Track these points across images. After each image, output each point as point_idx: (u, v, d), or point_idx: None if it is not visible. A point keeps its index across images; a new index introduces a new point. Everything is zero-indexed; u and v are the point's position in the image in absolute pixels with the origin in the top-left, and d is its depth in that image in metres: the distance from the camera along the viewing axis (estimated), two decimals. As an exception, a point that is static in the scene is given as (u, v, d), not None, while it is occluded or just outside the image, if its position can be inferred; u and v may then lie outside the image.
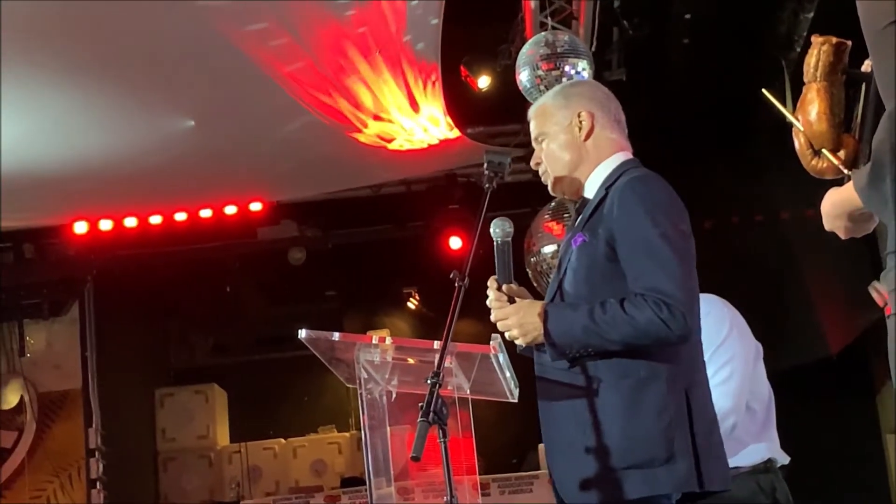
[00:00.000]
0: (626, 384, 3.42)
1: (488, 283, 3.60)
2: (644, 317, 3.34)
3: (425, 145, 9.27)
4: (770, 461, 4.51)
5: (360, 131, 8.76)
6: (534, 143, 3.84)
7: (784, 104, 2.91)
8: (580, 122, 3.73)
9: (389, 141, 9.07)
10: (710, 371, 3.70)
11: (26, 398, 11.22)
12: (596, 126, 3.73)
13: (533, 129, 3.84)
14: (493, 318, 3.58)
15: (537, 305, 3.53)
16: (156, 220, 10.39)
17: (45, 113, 7.71)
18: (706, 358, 3.68)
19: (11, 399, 11.24)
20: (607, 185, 3.61)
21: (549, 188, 3.83)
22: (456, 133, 9.13)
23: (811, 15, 8.06)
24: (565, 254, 3.68)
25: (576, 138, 3.73)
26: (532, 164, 3.83)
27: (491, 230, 3.58)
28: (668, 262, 3.40)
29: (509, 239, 3.62)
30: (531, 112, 3.88)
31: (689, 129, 9.54)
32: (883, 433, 10.33)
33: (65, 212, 10.14)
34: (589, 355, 3.45)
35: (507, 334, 3.55)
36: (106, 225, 10.35)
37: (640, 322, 3.34)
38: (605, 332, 3.38)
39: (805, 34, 8.17)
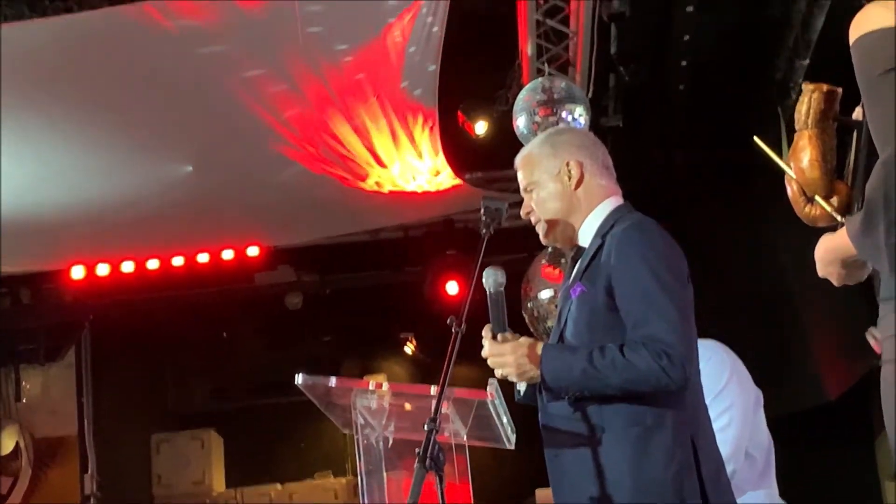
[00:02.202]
0: (634, 432, 3.40)
1: (483, 334, 3.58)
2: (643, 364, 3.33)
3: (423, 190, 9.28)
4: (769, 508, 4.50)
5: (361, 178, 8.78)
6: (523, 193, 3.83)
7: (781, 150, 2.91)
8: (569, 170, 3.72)
9: (386, 186, 9.08)
10: (709, 418, 3.69)
11: (22, 444, 11.17)
12: (586, 174, 3.73)
13: (521, 178, 3.83)
14: (486, 353, 3.55)
15: (535, 345, 3.51)
16: (153, 264, 10.38)
17: (43, 158, 7.73)
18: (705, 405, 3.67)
19: (7, 445, 11.17)
20: (603, 233, 3.61)
21: (541, 237, 3.81)
22: (453, 178, 9.15)
23: (807, 62, 8.10)
24: (565, 304, 3.67)
25: (566, 187, 3.72)
26: (522, 213, 3.81)
27: (484, 280, 3.57)
28: (666, 310, 3.39)
29: (502, 288, 3.60)
30: (518, 161, 3.88)
31: (686, 175, 9.57)
32: (882, 480, 10.28)
33: (62, 257, 10.13)
34: (585, 399, 3.44)
35: (501, 372, 3.53)
36: (103, 270, 10.32)
37: (640, 369, 3.33)
38: (604, 377, 3.37)
39: (801, 81, 8.22)
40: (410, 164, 8.84)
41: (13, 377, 11.32)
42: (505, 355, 3.52)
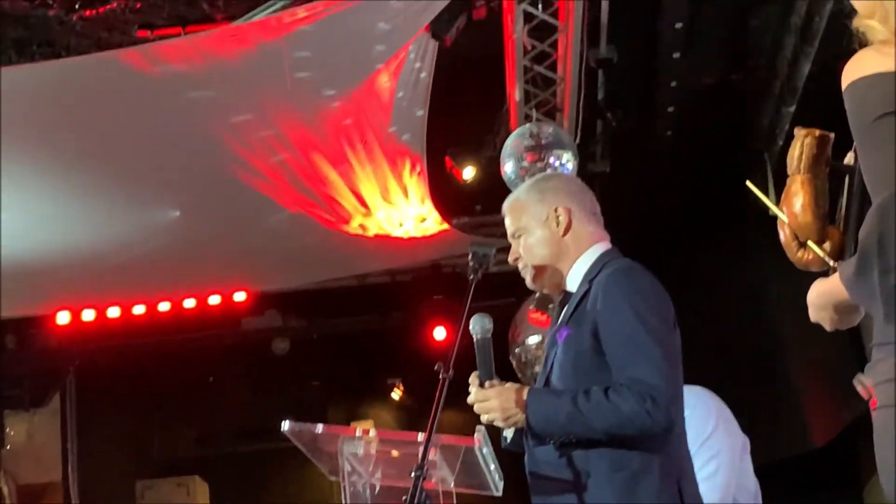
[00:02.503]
0: (620, 477, 3.38)
1: (470, 381, 3.57)
2: (628, 407, 3.31)
3: (410, 235, 9.28)
4: (757, 556, 4.47)
5: (345, 221, 8.78)
6: (511, 239, 3.82)
7: (767, 196, 2.91)
8: (557, 217, 3.72)
9: (371, 230, 9.07)
10: (696, 465, 3.68)
11: (6, 490, 11.09)
12: (574, 220, 3.73)
13: (509, 224, 3.83)
14: (472, 399, 3.53)
15: (521, 390, 3.50)
16: (139, 310, 10.36)
17: (29, 203, 7.71)
18: (692, 451, 3.66)
19: (-9, 491, 11.14)
20: (590, 278, 3.61)
21: (528, 282, 3.81)
22: (441, 223, 9.15)
23: (793, 108, 8.15)
24: (551, 349, 3.67)
25: (554, 233, 3.72)
26: (510, 259, 3.80)
27: (471, 327, 3.57)
28: (651, 354, 3.38)
29: (489, 335, 3.60)
30: (506, 207, 3.88)
31: (674, 220, 9.59)
32: (870, 527, 10.25)
33: (47, 302, 10.10)
34: (571, 444, 3.43)
35: (487, 417, 3.51)
36: (89, 315, 10.30)
37: (624, 411, 3.32)
38: (588, 420, 3.36)
39: (787, 127, 8.27)
40: (398, 210, 8.84)
41: (-3, 423, 11.28)
42: (490, 400, 3.51)
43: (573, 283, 3.69)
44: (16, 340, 11.10)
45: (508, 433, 3.67)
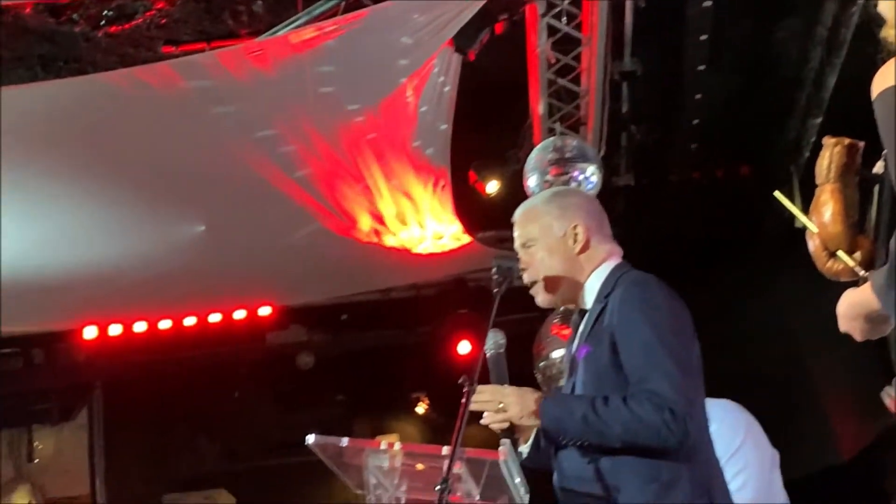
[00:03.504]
0: (651, 490, 3.38)
1: (479, 389, 3.53)
2: (646, 416, 3.31)
3: (435, 250, 9.28)
4: (785, 570, 4.45)
5: (368, 236, 8.78)
6: (519, 248, 3.79)
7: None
8: (576, 234, 3.71)
9: (398, 245, 9.08)
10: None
11: (34, 504, 11.15)
12: (592, 239, 3.73)
13: (521, 233, 3.79)
14: (486, 398, 3.51)
15: (537, 391, 3.52)
16: (165, 324, 10.38)
17: (55, 218, 7.74)
18: (721, 465, 3.64)
19: (19, 505, 11.18)
20: (605, 294, 3.60)
21: (536, 296, 3.78)
22: (465, 237, 9.15)
23: (819, 120, 8.12)
24: (571, 367, 3.66)
25: (570, 250, 3.71)
26: (520, 269, 3.76)
27: (484, 344, 3.57)
28: (667, 366, 3.37)
29: (503, 350, 3.60)
30: (519, 215, 3.84)
31: (697, 234, 9.55)
32: (898, 541, 10.18)
33: (74, 317, 10.14)
34: (600, 455, 3.42)
35: (501, 416, 3.51)
36: (115, 330, 10.33)
37: (643, 420, 3.31)
38: (605, 425, 3.35)
39: (814, 139, 8.23)
40: (423, 223, 8.84)
41: (26, 437, 11.32)
42: (506, 397, 3.50)
43: (588, 299, 3.68)
44: (43, 355, 11.15)
45: (524, 448, 3.67)
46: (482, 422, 3.56)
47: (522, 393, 3.51)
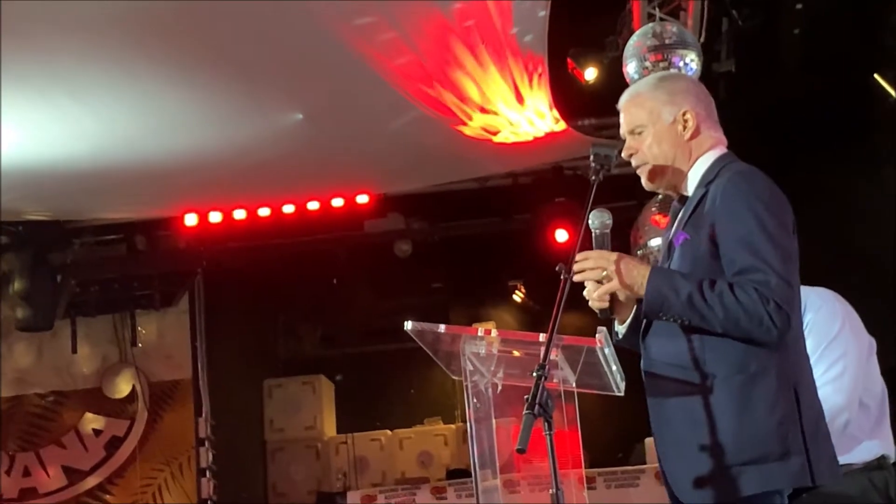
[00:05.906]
0: (737, 381, 3.37)
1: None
2: (752, 306, 3.30)
3: (531, 138, 9.24)
4: (883, 458, 4.44)
5: (465, 124, 8.76)
6: (627, 135, 3.75)
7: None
8: (685, 120, 3.67)
9: (495, 133, 9.05)
10: (822, 367, 3.66)
11: (138, 388, 11.41)
12: (701, 125, 3.69)
13: (628, 120, 3.75)
14: (591, 264, 3.50)
15: (644, 262, 3.51)
16: (264, 212, 10.48)
17: (158, 107, 7.82)
18: (818, 353, 3.63)
19: (124, 388, 11.44)
20: (707, 182, 3.57)
21: (644, 181, 3.76)
22: (562, 125, 9.09)
23: (926, 3, 7.91)
24: (667, 253, 3.65)
25: (679, 135, 3.67)
26: (625, 154, 3.72)
27: (589, 221, 3.55)
28: (771, 258, 3.35)
29: (608, 230, 3.59)
30: (625, 101, 3.79)
31: (800, 121, 9.39)
32: None
33: (176, 204, 10.28)
34: (688, 344, 3.42)
35: (605, 288, 3.50)
36: (215, 217, 10.45)
37: (748, 309, 3.30)
38: (709, 308, 3.34)
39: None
40: (520, 111, 8.79)
41: (129, 322, 11.56)
42: (612, 263, 3.49)
43: (690, 186, 3.66)
44: (146, 242, 11.32)
45: (621, 329, 3.68)
46: (584, 293, 3.56)
47: (629, 261, 3.50)
